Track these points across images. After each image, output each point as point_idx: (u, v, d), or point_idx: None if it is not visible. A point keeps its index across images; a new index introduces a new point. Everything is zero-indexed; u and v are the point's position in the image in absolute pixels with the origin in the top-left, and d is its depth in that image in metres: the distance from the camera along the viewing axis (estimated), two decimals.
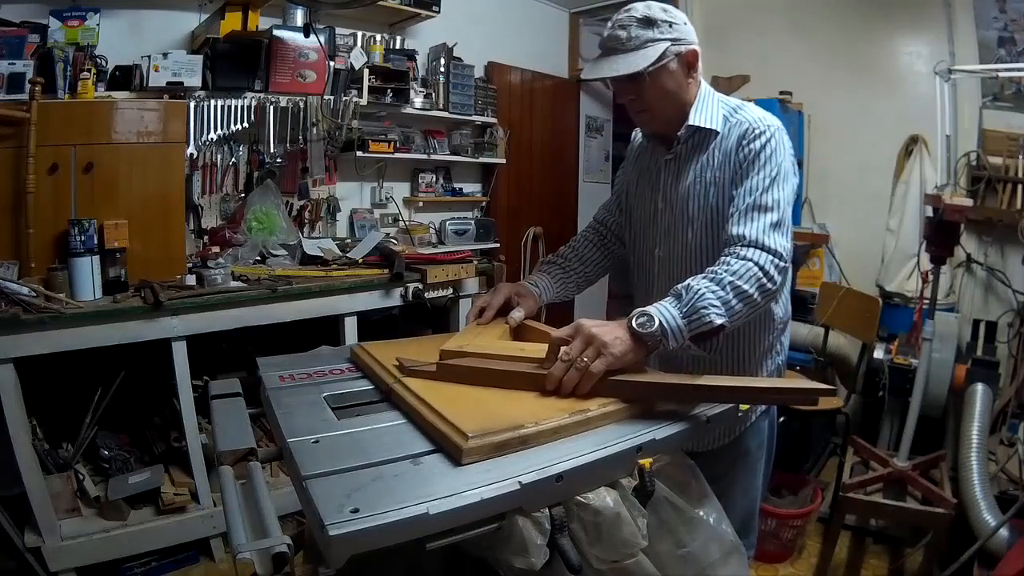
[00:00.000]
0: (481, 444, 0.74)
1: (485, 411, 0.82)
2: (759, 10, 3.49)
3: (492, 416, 0.80)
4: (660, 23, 1.13)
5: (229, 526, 0.70)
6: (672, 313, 0.96)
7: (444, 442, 0.77)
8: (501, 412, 0.82)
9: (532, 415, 0.81)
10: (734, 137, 1.17)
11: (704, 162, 1.20)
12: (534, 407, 0.85)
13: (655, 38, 1.13)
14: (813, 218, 3.31)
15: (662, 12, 1.15)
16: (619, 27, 1.15)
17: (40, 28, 2.22)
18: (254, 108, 2.63)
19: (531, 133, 4.01)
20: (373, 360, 1.06)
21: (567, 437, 0.81)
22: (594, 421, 0.84)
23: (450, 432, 0.77)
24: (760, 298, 1.03)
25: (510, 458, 0.75)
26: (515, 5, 3.90)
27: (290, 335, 2.11)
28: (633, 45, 1.13)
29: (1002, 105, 2.77)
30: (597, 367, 0.89)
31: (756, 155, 1.13)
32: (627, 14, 1.15)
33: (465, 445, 0.74)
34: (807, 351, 2.81)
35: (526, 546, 0.70)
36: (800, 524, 2.19)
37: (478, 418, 0.79)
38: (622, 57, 1.13)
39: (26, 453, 1.77)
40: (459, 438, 0.75)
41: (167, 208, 2.15)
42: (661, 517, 0.85)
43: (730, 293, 0.99)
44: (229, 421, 0.95)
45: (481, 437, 0.75)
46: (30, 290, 1.78)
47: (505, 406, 0.85)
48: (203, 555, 2.14)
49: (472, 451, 0.74)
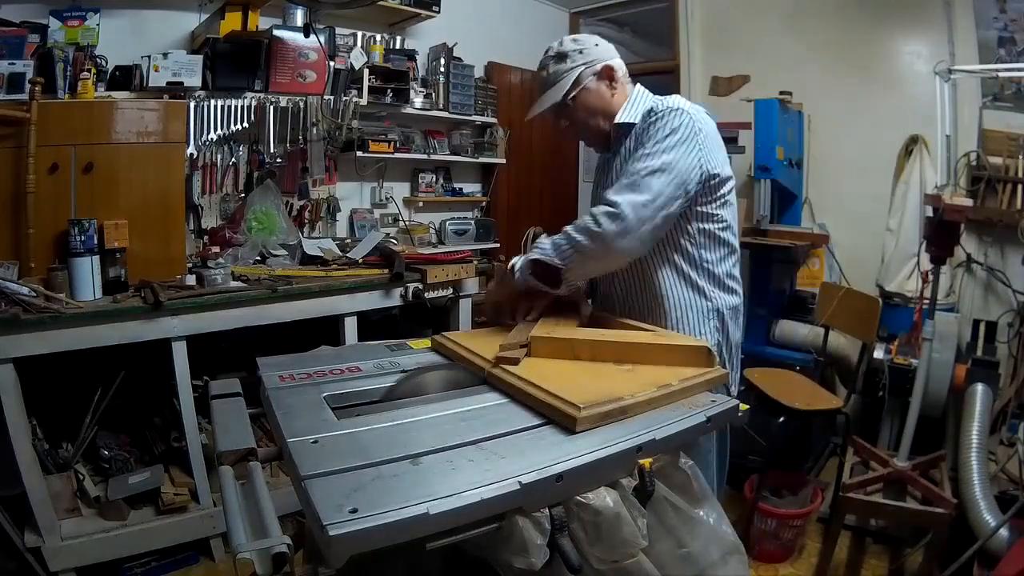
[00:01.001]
0: (592, 414, 0.83)
1: (585, 387, 0.90)
2: (759, 10, 3.49)
3: (593, 391, 0.88)
4: (571, 53, 1.29)
5: (229, 526, 0.70)
6: (521, 259, 1.23)
7: (555, 415, 0.85)
8: (599, 388, 0.90)
9: (627, 389, 0.90)
10: (646, 124, 1.24)
11: (624, 153, 1.30)
12: (625, 383, 0.94)
13: (568, 67, 1.29)
14: (813, 218, 3.31)
15: (572, 43, 1.31)
16: (540, 68, 1.33)
17: (40, 28, 2.22)
18: (254, 108, 2.63)
19: (531, 133, 4.01)
20: (462, 348, 1.14)
21: (656, 408, 0.90)
22: (676, 394, 0.94)
23: (562, 405, 0.85)
24: (587, 241, 1.14)
25: (614, 427, 0.84)
26: (515, 5, 3.90)
27: (290, 335, 2.11)
28: (552, 80, 1.30)
29: (1002, 105, 2.76)
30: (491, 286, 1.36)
31: (651, 135, 1.20)
32: (545, 55, 1.32)
33: (579, 415, 0.82)
34: (807, 351, 2.81)
35: (526, 546, 0.70)
36: (800, 524, 2.20)
37: (583, 392, 0.87)
38: (547, 94, 1.30)
39: (26, 453, 1.77)
40: (572, 409, 0.83)
41: (167, 208, 2.15)
42: (661, 517, 0.85)
43: (562, 239, 1.18)
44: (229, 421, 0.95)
45: (591, 408, 0.83)
46: (30, 290, 1.78)
47: (599, 383, 0.93)
48: (203, 555, 2.14)
49: (585, 420, 0.82)
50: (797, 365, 2.74)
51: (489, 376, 1.02)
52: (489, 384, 1.01)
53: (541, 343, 1.08)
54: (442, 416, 0.88)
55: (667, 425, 0.86)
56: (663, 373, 0.99)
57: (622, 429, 0.84)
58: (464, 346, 1.14)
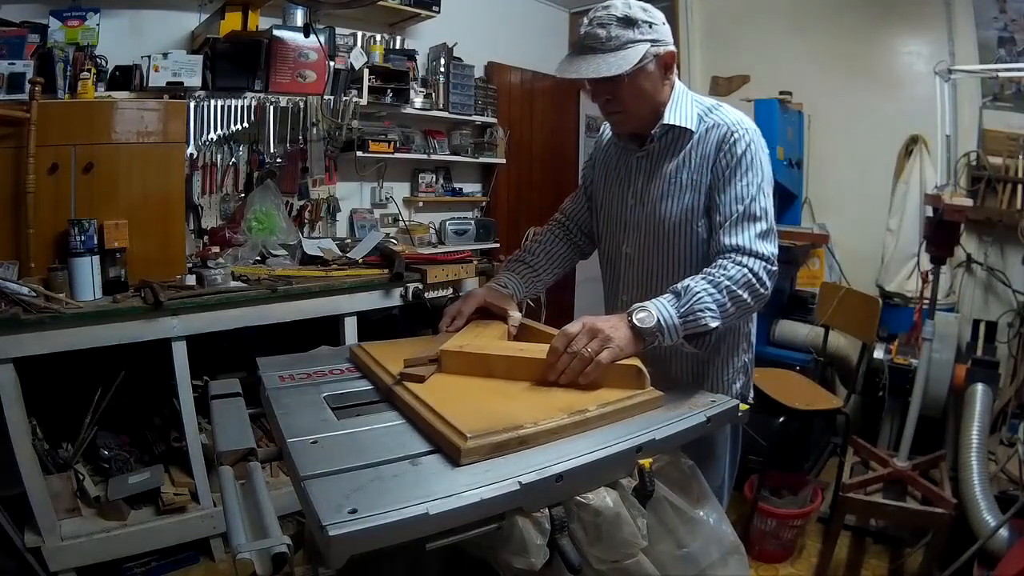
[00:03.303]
0: (480, 444, 0.74)
1: (484, 412, 0.82)
2: (759, 10, 3.49)
3: (491, 417, 0.80)
4: (640, 23, 1.10)
5: (229, 526, 0.70)
6: (670, 312, 0.99)
7: (442, 442, 0.77)
8: (500, 413, 0.82)
9: (531, 416, 0.81)
10: (712, 140, 1.16)
11: (680, 162, 1.19)
12: (533, 408, 0.85)
13: (635, 39, 1.10)
14: (813, 218, 3.30)
15: (642, 12, 1.12)
16: (598, 25, 1.11)
17: (40, 28, 2.22)
18: (254, 108, 2.63)
19: (531, 133, 4.01)
20: (372, 360, 1.06)
21: (566, 437, 0.81)
22: (592, 422, 0.84)
23: (449, 432, 0.77)
24: (753, 303, 1.06)
25: (509, 458, 0.75)
26: (515, 5, 3.90)
27: (290, 335, 2.11)
28: (613, 45, 1.10)
29: (1002, 105, 2.76)
30: (604, 357, 0.93)
31: (739, 160, 1.13)
32: (606, 11, 1.11)
33: (464, 445, 0.73)
34: (807, 351, 2.81)
35: (526, 546, 0.70)
36: (800, 524, 2.19)
37: (477, 419, 0.79)
38: (601, 58, 1.10)
39: (26, 453, 1.77)
40: (458, 438, 0.75)
41: (167, 208, 2.15)
42: (661, 517, 0.85)
43: (726, 297, 1.02)
44: (229, 421, 0.95)
45: (480, 437, 0.75)
46: (30, 290, 1.78)
47: (504, 407, 0.86)
48: (203, 555, 2.14)
49: (471, 451, 0.74)
50: (797, 365, 2.74)
51: (390, 393, 0.95)
52: (390, 402, 0.94)
53: (452, 358, 0.99)
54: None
55: (667, 425, 0.86)
56: (581, 396, 0.89)
57: (622, 429, 0.84)
58: (375, 358, 1.05)
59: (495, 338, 1.11)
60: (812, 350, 2.77)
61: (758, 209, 1.11)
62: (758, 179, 1.13)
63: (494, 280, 1.32)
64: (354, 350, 1.15)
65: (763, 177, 1.14)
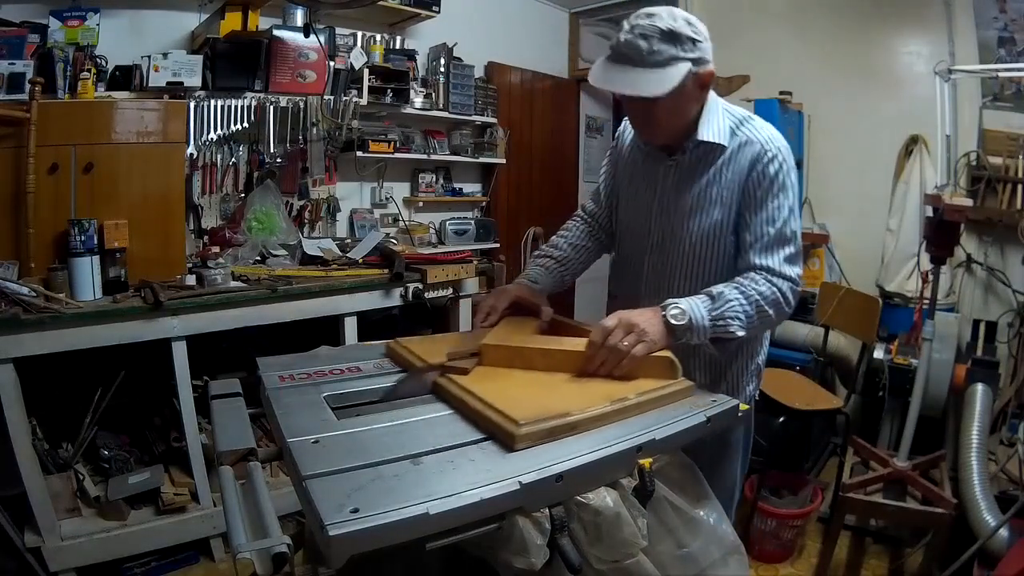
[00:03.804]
0: (533, 431, 0.78)
1: (532, 400, 0.85)
2: (759, 10, 3.49)
3: (540, 405, 0.83)
4: (685, 40, 1.05)
5: (229, 526, 0.70)
6: (702, 313, 1.04)
7: (495, 430, 0.81)
8: (548, 401, 0.86)
9: (576, 404, 0.85)
10: (745, 159, 1.15)
11: (711, 178, 1.17)
12: (576, 397, 0.89)
13: (678, 56, 1.05)
14: (813, 218, 3.30)
15: (687, 26, 1.07)
16: (640, 36, 1.05)
17: (40, 28, 2.22)
18: (254, 108, 2.63)
19: (531, 133, 4.01)
20: (412, 354, 1.09)
21: (608, 424, 0.84)
22: (632, 409, 0.88)
23: (502, 420, 0.80)
24: (775, 320, 1.12)
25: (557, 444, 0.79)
26: (515, 5, 3.90)
27: (290, 335, 2.11)
28: (653, 61, 1.05)
29: (1002, 105, 2.77)
30: (640, 350, 0.97)
31: (771, 182, 1.14)
32: (649, 21, 1.06)
33: (518, 432, 0.77)
34: (807, 351, 2.81)
35: (526, 546, 0.70)
36: (800, 524, 2.19)
37: (527, 407, 0.82)
38: (641, 73, 1.05)
39: (26, 453, 1.77)
40: (511, 425, 0.78)
41: (167, 208, 2.15)
42: (661, 517, 0.85)
43: (753, 310, 1.08)
44: (229, 421, 0.95)
45: (532, 424, 0.78)
46: (30, 290, 1.78)
47: (550, 396, 0.89)
48: (203, 555, 2.14)
49: (524, 437, 0.77)
50: (797, 365, 2.74)
51: (435, 386, 0.98)
52: (435, 394, 0.97)
53: (492, 351, 1.03)
54: (442, 416, 0.88)
55: (667, 425, 0.86)
56: (620, 385, 0.94)
57: (622, 429, 0.84)
58: (416, 353, 1.08)
59: (530, 332, 1.15)
60: (812, 350, 2.77)
61: (788, 231, 1.14)
62: (788, 201, 1.15)
63: (523, 276, 1.35)
64: (391, 345, 1.18)
65: (792, 198, 1.16)
